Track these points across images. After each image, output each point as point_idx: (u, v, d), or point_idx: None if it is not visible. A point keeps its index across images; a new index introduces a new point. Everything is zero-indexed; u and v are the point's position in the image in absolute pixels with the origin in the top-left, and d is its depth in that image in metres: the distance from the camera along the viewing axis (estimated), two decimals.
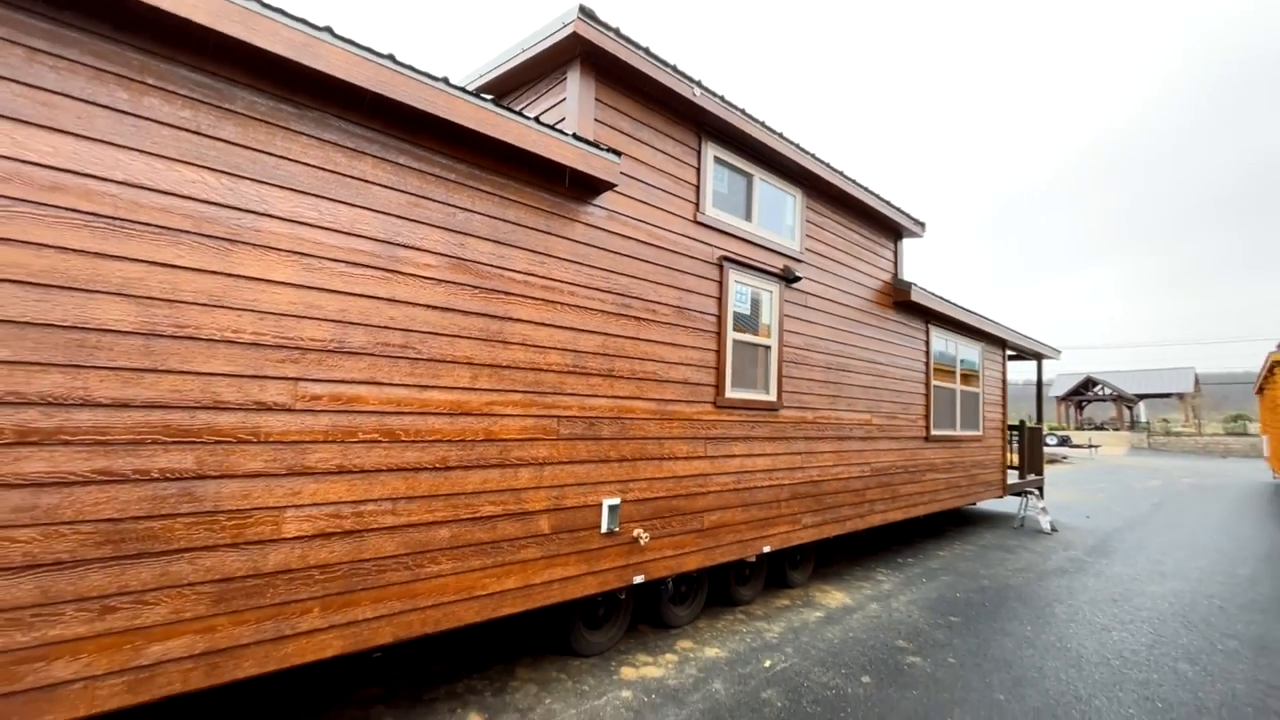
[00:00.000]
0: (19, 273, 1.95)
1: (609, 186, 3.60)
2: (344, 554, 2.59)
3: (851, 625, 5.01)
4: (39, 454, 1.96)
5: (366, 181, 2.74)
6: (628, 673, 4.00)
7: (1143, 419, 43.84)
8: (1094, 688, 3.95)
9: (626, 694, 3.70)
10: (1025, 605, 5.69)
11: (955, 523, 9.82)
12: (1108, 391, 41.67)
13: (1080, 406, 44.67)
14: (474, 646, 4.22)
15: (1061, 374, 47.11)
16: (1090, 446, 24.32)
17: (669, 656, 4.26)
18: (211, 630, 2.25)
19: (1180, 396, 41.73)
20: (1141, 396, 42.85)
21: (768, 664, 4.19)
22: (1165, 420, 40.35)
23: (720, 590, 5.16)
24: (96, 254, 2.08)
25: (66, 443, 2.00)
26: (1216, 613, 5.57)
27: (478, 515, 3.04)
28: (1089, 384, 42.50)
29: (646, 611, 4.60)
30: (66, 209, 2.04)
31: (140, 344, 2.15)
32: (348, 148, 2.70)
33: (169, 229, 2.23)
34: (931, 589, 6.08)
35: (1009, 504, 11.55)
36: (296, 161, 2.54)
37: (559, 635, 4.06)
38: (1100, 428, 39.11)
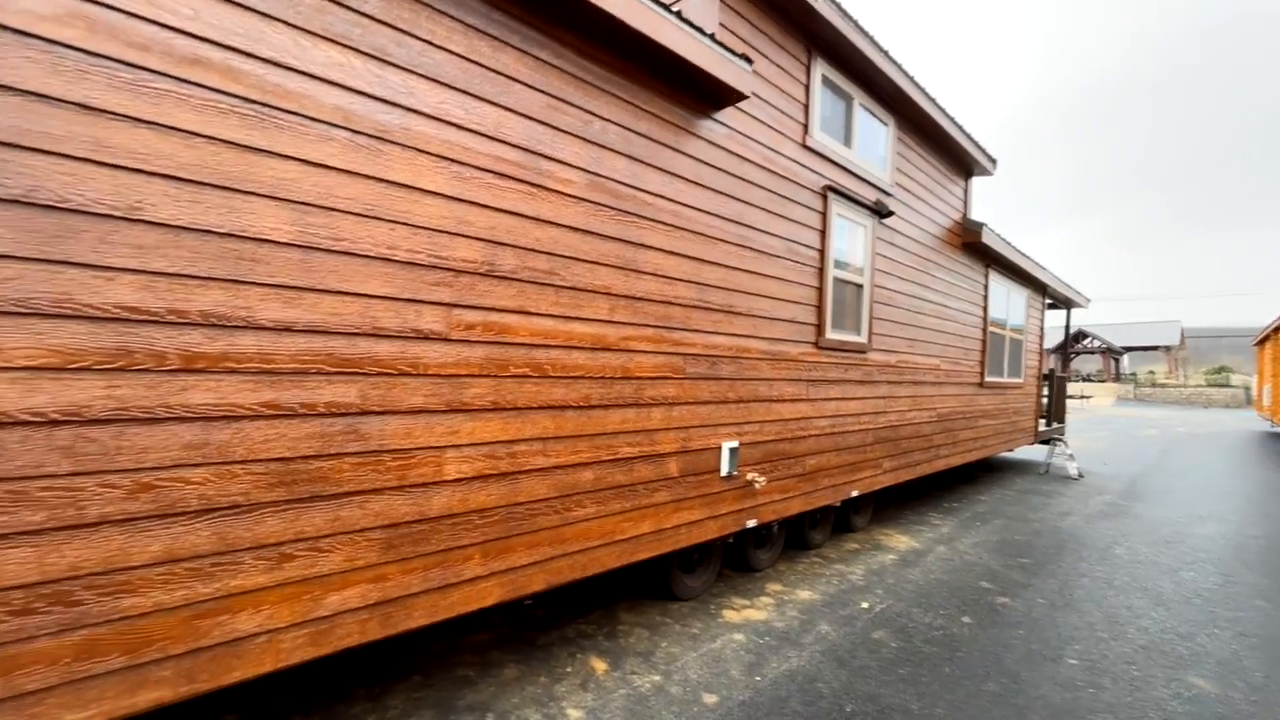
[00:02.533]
0: (167, 165, 1.61)
1: (738, 99, 3.23)
2: (500, 497, 2.38)
3: (928, 567, 5.01)
4: (205, 383, 1.68)
5: (510, 78, 2.37)
6: (730, 615, 3.95)
7: (1126, 370, 44.88)
8: (1191, 625, 3.98)
9: (739, 636, 3.64)
10: (1085, 548, 5.74)
11: (985, 469, 9.96)
12: (1096, 344, 42.42)
13: (1069, 358, 45.53)
14: (569, 592, 4.12)
15: (1051, 326, 47.79)
16: (1082, 397, 24.96)
17: (764, 599, 4.21)
18: (383, 579, 2.05)
19: (1166, 349, 42.67)
20: (1128, 349, 43.70)
21: (865, 605, 4.17)
22: (1151, 372, 41.35)
23: (794, 534, 5.12)
24: (246, 147, 1.74)
25: (232, 371, 1.72)
26: (1267, 551, 5.68)
27: (617, 457, 2.85)
28: (1080, 336, 43.20)
29: (731, 555, 4.54)
30: (212, 89, 1.68)
31: (299, 258, 1.84)
32: (491, 36, 2.31)
33: (318, 121, 1.88)
34: (989, 532, 6.13)
35: (1025, 452, 11.76)
36: (442, 48, 2.16)
37: (657, 580, 3.98)
38: (1087, 379, 40.09)
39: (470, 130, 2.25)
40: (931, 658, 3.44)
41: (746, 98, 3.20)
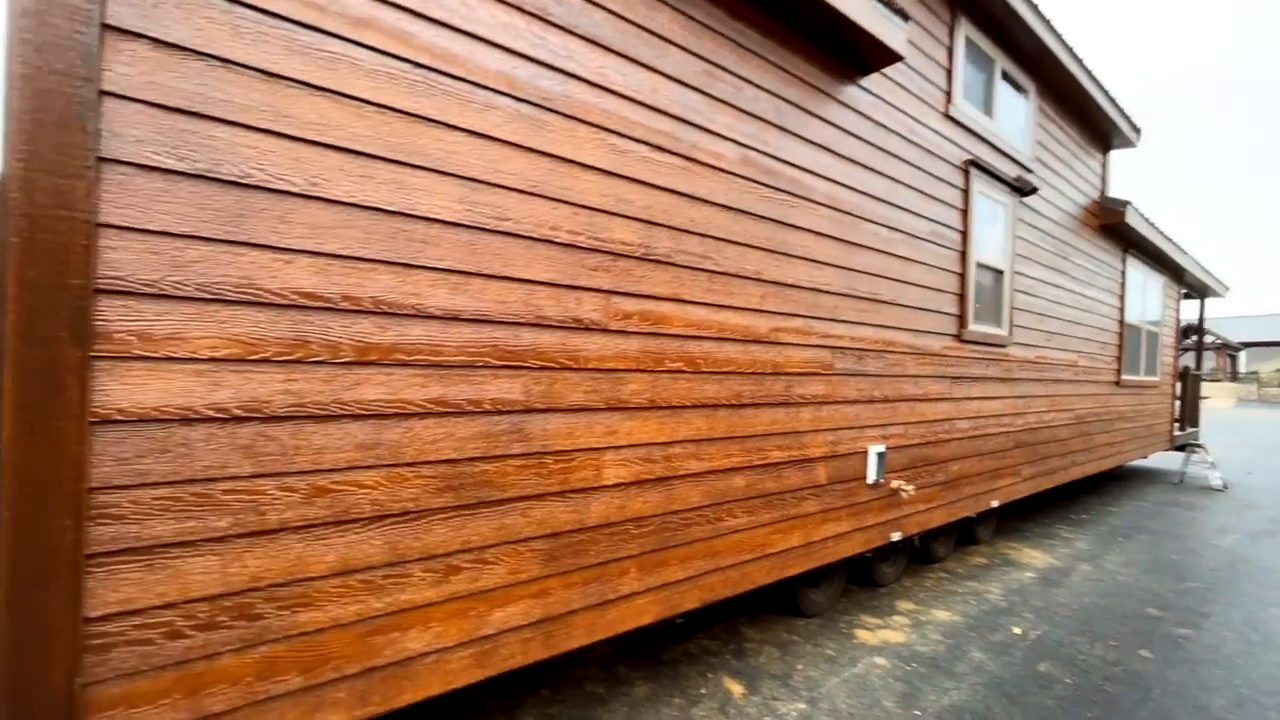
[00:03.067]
0: (341, 136, 1.46)
1: (891, 61, 2.87)
2: (656, 505, 2.16)
3: (1077, 589, 4.44)
4: (377, 377, 1.53)
5: (666, 40, 2.14)
6: (864, 635, 3.57)
7: (1244, 369, 40.31)
8: None
9: (881, 661, 3.27)
10: (1262, 572, 4.97)
11: (1108, 478, 9.00)
12: (1211, 340, 38.30)
13: (1200, 354, 41.31)
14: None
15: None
16: (1201, 398, 22.50)
17: (897, 619, 3.81)
18: (544, 594, 1.86)
19: None
20: (1246, 345, 39.21)
21: (1017, 631, 3.69)
22: (1279, 370, 36.86)
23: (918, 546, 4.68)
24: (415, 116, 1.58)
25: (403, 363, 1.57)
26: None
27: (767, 461, 2.57)
28: (1189, 331, 39.25)
29: (852, 569, 4.17)
30: (383, 53, 1.52)
31: (465, 240, 1.67)
32: None
33: (483, 88, 1.70)
34: (1136, 550, 5.43)
35: (1151, 459, 10.59)
36: (600, 6, 1.95)
37: (780, 594, 3.66)
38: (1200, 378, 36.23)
39: (628, 98, 2.03)
40: (1120, 699, 2.97)
41: (901, 58, 2.84)
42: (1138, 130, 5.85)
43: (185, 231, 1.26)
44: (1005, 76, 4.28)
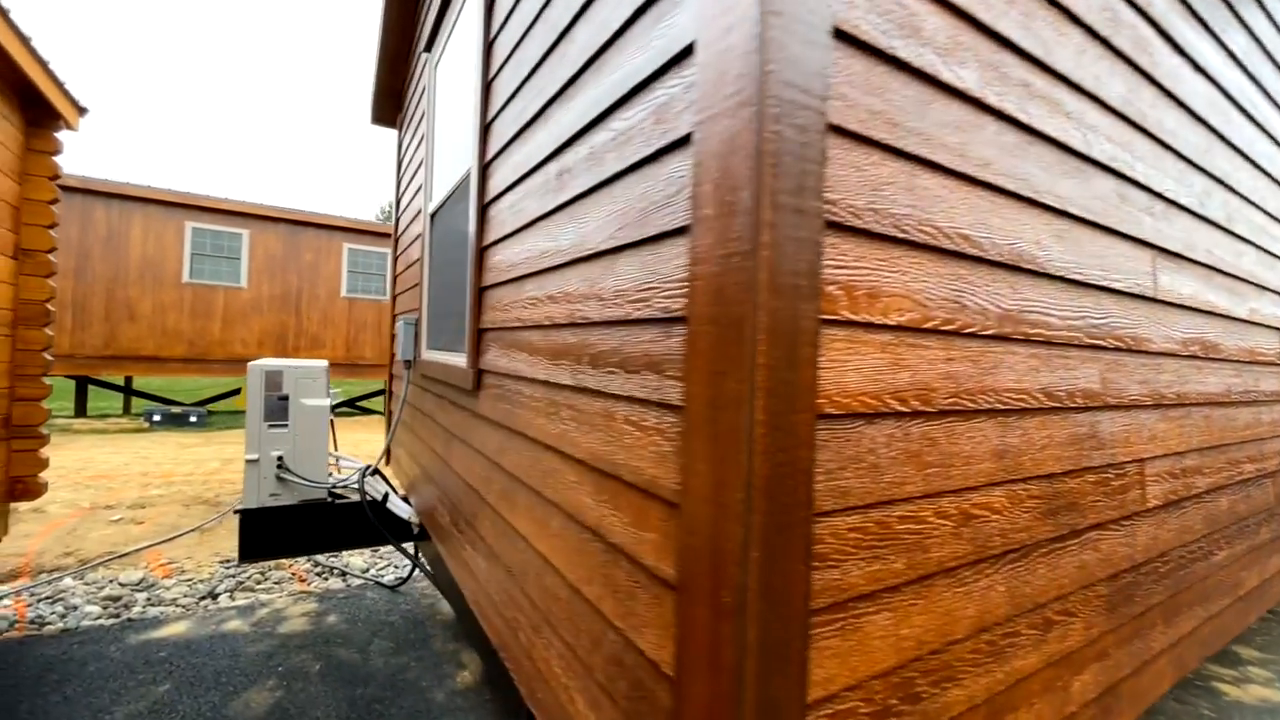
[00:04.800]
0: (990, 16, 1.03)
1: None
2: (1175, 534, 1.63)
3: None
4: (1007, 358, 1.09)
5: None
6: (1229, 690, 2.85)
7: None
8: None
9: None
10: None
11: None
12: None
13: None
14: None
15: None
16: None
17: (1251, 669, 3.06)
18: (1104, 655, 1.38)
19: None
20: None
21: None
22: None
23: None
24: None
25: (1025, 339, 1.12)
26: None
27: (1240, 478, 1.98)
28: None
29: None
30: None
31: (1073, 167, 1.21)
32: None
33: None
34: None
35: None
36: None
37: None
38: None
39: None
40: None
41: None
42: None
43: (882, 139, 0.86)
44: None
